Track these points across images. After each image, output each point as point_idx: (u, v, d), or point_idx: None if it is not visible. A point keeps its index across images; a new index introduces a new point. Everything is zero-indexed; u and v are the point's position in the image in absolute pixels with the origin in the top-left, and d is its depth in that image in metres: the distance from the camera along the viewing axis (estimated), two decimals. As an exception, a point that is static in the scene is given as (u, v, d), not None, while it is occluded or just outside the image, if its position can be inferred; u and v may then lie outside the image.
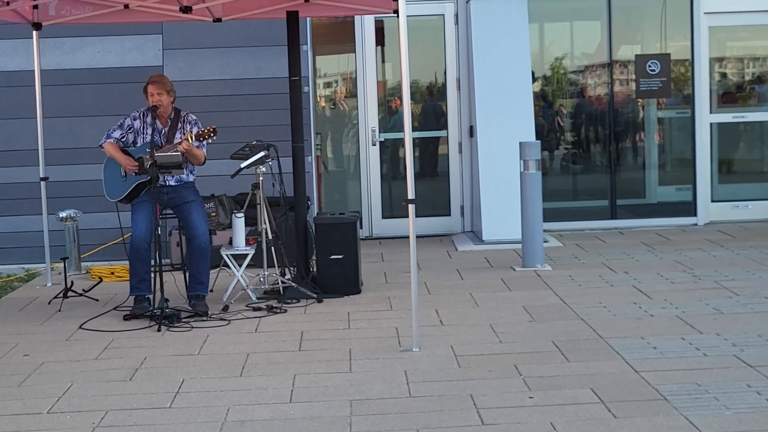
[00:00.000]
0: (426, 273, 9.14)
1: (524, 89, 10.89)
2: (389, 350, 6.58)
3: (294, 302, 8.10)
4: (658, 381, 5.65)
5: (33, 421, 5.40)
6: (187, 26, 10.31)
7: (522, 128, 10.52)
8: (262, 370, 6.22)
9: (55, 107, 10.22)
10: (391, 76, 11.90)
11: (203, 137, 7.71)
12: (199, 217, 7.86)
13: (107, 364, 6.51)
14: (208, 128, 7.73)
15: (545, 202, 9.44)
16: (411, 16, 7.29)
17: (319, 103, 11.87)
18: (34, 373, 6.35)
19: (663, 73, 11.57)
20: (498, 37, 10.90)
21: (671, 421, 5.00)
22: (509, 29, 10.92)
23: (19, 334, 7.43)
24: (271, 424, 5.20)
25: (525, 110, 10.82)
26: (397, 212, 11.40)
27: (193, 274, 7.85)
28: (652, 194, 12.05)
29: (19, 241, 10.44)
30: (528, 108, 10.86)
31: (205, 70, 10.71)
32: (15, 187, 10.45)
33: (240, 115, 10.43)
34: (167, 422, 5.31)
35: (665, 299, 7.75)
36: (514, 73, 10.84)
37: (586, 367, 6.02)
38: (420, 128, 11.76)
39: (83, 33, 10.43)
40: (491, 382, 5.78)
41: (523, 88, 10.88)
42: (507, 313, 7.50)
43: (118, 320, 7.72)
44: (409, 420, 5.18)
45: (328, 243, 8.38)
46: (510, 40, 10.90)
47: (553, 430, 4.94)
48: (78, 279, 9.29)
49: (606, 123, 11.88)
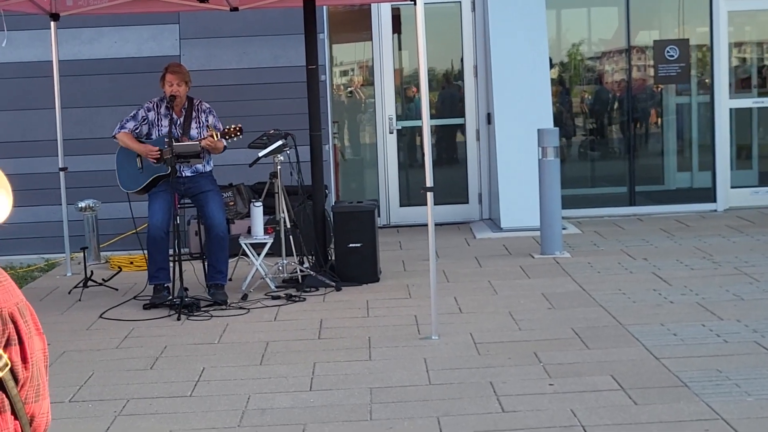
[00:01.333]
0: (444, 261, 9.14)
1: (542, 76, 10.85)
2: (408, 338, 6.59)
3: (313, 291, 8.11)
4: (678, 367, 5.64)
5: (55, 410, 5.40)
6: (204, 15, 10.31)
7: (540, 115, 10.49)
8: (281, 359, 6.23)
9: (72, 97, 10.24)
10: (407, 63, 11.87)
11: (228, 136, 7.70)
12: (216, 206, 7.87)
13: (128, 353, 6.53)
14: (233, 127, 7.70)
15: (563, 188, 9.41)
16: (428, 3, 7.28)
17: (336, 92, 11.86)
18: (56, 362, 6.38)
19: (682, 59, 11.51)
20: (515, 24, 10.86)
21: (692, 408, 4.99)
22: (527, 16, 10.88)
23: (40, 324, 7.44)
24: (291, 412, 5.22)
25: (543, 97, 10.78)
26: (414, 200, 11.39)
27: (212, 264, 7.86)
28: (671, 180, 12.00)
29: (38, 232, 10.48)
30: (546, 95, 10.82)
31: (222, 60, 10.71)
32: (34, 178, 10.47)
33: (257, 104, 10.43)
34: (188, 410, 5.33)
35: (685, 285, 7.72)
36: (532, 60, 10.81)
37: (606, 353, 6.01)
38: (437, 116, 11.74)
39: (100, 23, 10.44)
40: (511, 370, 5.78)
41: (541, 74, 10.84)
42: (526, 301, 7.49)
43: (137, 309, 7.74)
44: (429, 407, 5.19)
45: (347, 231, 8.38)
46: (527, 27, 10.86)
47: (573, 417, 4.94)
48: (97, 269, 9.32)
49: (624, 109, 11.83)
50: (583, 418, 4.92)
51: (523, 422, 4.92)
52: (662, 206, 11.49)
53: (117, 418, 5.25)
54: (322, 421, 5.07)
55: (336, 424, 5.02)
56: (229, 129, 7.69)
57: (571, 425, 4.84)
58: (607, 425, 4.82)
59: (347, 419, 5.08)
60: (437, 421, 4.98)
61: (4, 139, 10.58)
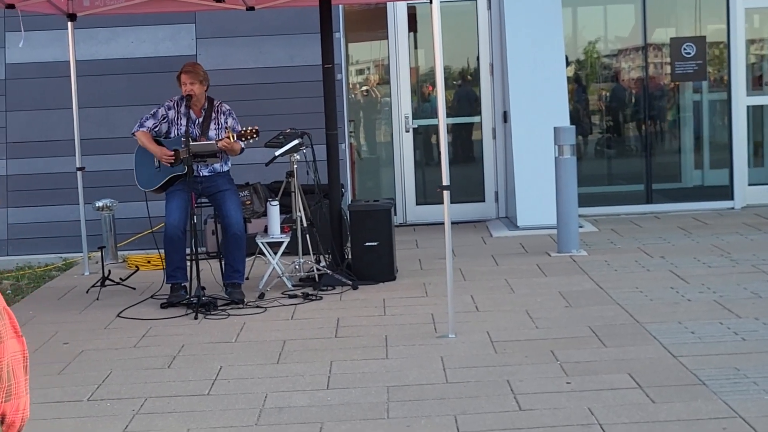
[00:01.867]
0: (461, 259, 9.13)
1: (558, 74, 10.83)
2: (425, 336, 6.59)
3: (329, 289, 8.12)
4: (696, 366, 5.62)
5: (74, 409, 5.46)
6: (220, 15, 10.34)
7: (556, 113, 10.48)
8: (298, 357, 6.24)
9: (89, 97, 10.29)
10: (423, 62, 11.88)
11: (245, 137, 7.70)
12: (233, 205, 7.88)
13: (145, 352, 6.56)
14: (250, 129, 7.70)
15: (580, 187, 9.39)
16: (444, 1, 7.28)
17: (351, 91, 11.86)
18: (74, 361, 6.42)
19: (698, 56, 11.47)
20: (531, 22, 10.85)
21: (710, 406, 4.98)
22: (542, 14, 10.87)
23: (58, 323, 7.50)
24: (308, 411, 5.23)
25: (559, 95, 10.76)
26: (430, 199, 11.39)
27: (229, 263, 7.88)
28: (688, 178, 11.96)
29: (56, 231, 10.52)
30: (562, 93, 10.81)
31: (238, 59, 10.73)
32: (52, 178, 10.53)
33: (273, 103, 10.45)
34: (206, 409, 5.34)
35: (702, 283, 7.70)
36: (548, 58, 10.79)
37: (623, 352, 6.00)
38: (453, 114, 11.73)
39: (117, 23, 10.48)
40: (528, 368, 5.77)
41: (557, 72, 10.83)
42: (543, 299, 7.48)
43: (155, 308, 7.77)
44: (447, 406, 5.19)
45: (363, 230, 8.39)
46: (543, 25, 10.85)
47: (590, 416, 4.93)
48: (115, 268, 9.36)
49: (641, 107, 11.80)
50: (601, 417, 4.91)
51: (541, 420, 4.92)
52: (679, 204, 11.46)
53: (135, 417, 5.27)
54: (339, 419, 5.08)
55: (353, 422, 5.03)
56: (246, 131, 7.70)
57: (589, 423, 4.83)
58: (624, 423, 4.81)
59: (364, 417, 5.09)
60: (454, 419, 4.98)
61: (22, 139, 10.64)
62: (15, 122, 10.67)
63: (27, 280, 9.42)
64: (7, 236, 10.62)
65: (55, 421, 5.26)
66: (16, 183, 10.60)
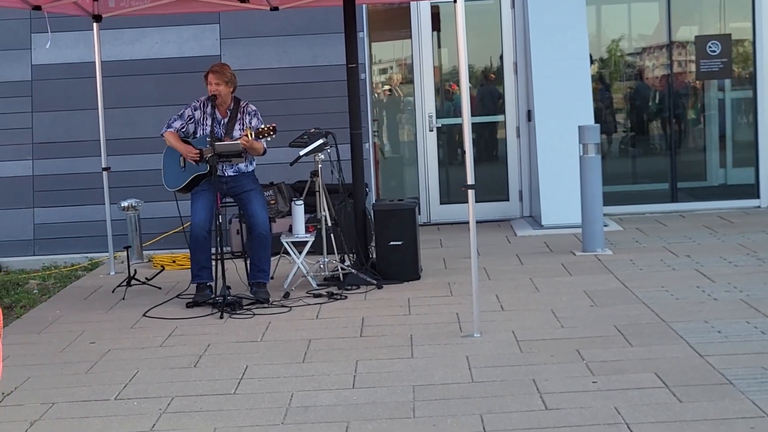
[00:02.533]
0: (485, 258, 9.12)
1: (582, 72, 10.80)
2: (450, 336, 6.59)
3: (354, 288, 8.13)
4: (723, 365, 5.59)
5: (101, 407, 5.49)
6: (244, 15, 10.37)
7: (580, 112, 10.44)
8: (324, 356, 6.26)
9: (115, 98, 10.34)
10: (447, 61, 11.87)
11: (262, 135, 7.73)
12: (258, 205, 7.91)
13: (172, 351, 6.59)
14: (267, 126, 7.74)
15: (604, 185, 9.36)
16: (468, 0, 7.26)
17: (375, 90, 11.87)
18: (101, 360, 6.45)
19: (723, 54, 11.41)
20: (555, 20, 10.82)
21: (737, 406, 4.95)
22: (566, 12, 10.83)
23: (85, 322, 7.54)
24: (334, 410, 5.24)
25: (583, 93, 10.73)
26: (454, 198, 11.38)
27: (254, 262, 7.91)
28: (713, 176, 11.90)
29: (82, 231, 10.59)
30: (586, 91, 10.77)
31: (262, 59, 10.76)
32: (77, 178, 10.59)
33: (297, 103, 10.47)
34: (232, 408, 5.36)
35: (728, 282, 7.66)
36: (572, 56, 10.76)
37: (650, 351, 5.98)
38: (477, 113, 11.72)
39: (142, 24, 10.53)
40: (553, 367, 5.76)
41: (581, 71, 10.80)
42: (568, 298, 7.46)
43: (181, 308, 7.80)
44: (472, 405, 5.19)
45: (388, 229, 8.39)
46: (567, 23, 10.82)
47: (617, 415, 4.92)
48: (140, 267, 9.40)
49: (665, 105, 11.75)
50: (627, 416, 4.90)
51: (567, 420, 4.91)
52: (704, 203, 11.40)
53: (162, 416, 5.30)
54: (365, 418, 5.09)
55: (379, 421, 5.04)
56: (262, 129, 7.73)
57: (615, 423, 4.82)
58: (651, 423, 4.79)
59: (390, 417, 5.09)
60: (480, 418, 4.98)
61: (48, 140, 10.71)
62: (41, 123, 10.74)
63: (53, 279, 9.48)
64: (34, 236, 10.69)
65: (82, 420, 5.30)
66: (42, 183, 10.67)
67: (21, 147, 10.67)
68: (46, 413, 5.42)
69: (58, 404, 5.57)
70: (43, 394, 5.75)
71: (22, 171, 10.61)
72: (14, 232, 10.44)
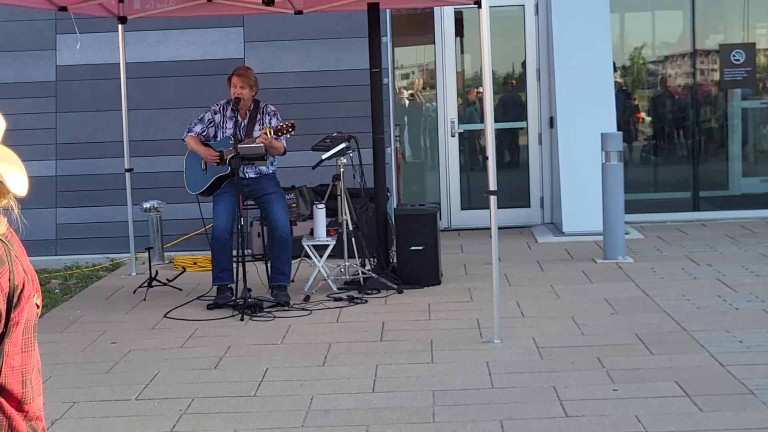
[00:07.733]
0: (506, 264, 9.11)
1: (605, 80, 10.78)
2: (470, 341, 6.58)
3: (374, 293, 8.13)
4: (744, 375, 5.57)
5: (122, 407, 5.51)
6: (268, 19, 10.40)
7: (603, 119, 10.42)
8: (344, 360, 6.27)
9: (138, 99, 10.38)
10: (470, 67, 11.87)
11: (281, 132, 7.75)
12: (280, 208, 7.93)
13: (192, 353, 6.61)
14: (286, 123, 7.76)
15: (626, 193, 9.34)
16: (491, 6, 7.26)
17: (397, 95, 11.88)
18: (122, 360, 6.48)
19: (748, 63, 11.37)
20: (579, 28, 10.81)
21: (759, 416, 4.93)
22: (590, 19, 10.82)
23: (106, 323, 7.57)
24: (354, 414, 5.24)
25: (606, 101, 10.71)
26: (475, 203, 11.37)
27: (275, 265, 7.92)
28: (735, 186, 11.85)
29: (104, 232, 10.63)
30: (609, 99, 10.76)
31: (286, 63, 10.79)
32: (100, 179, 10.64)
33: (320, 106, 10.49)
34: (252, 410, 5.38)
35: (750, 292, 7.62)
36: (595, 64, 10.74)
37: (671, 360, 5.96)
38: (499, 119, 11.71)
39: (166, 26, 10.57)
40: (574, 374, 5.75)
41: (605, 78, 10.77)
42: (589, 305, 7.45)
43: (201, 309, 7.83)
44: (492, 411, 5.18)
45: (408, 234, 8.40)
46: (591, 30, 10.80)
47: (637, 423, 4.91)
48: (162, 269, 9.43)
49: (688, 114, 11.71)
50: (648, 424, 4.88)
51: (587, 427, 4.90)
52: (727, 212, 11.35)
53: (182, 417, 5.32)
54: (384, 422, 5.09)
55: (399, 426, 5.04)
56: (281, 126, 7.74)
57: (636, 431, 4.81)
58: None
59: (410, 421, 5.10)
60: (500, 424, 4.98)
61: (72, 140, 10.76)
62: (65, 124, 10.80)
63: (75, 279, 9.53)
64: (56, 236, 10.75)
65: (103, 420, 5.32)
66: (65, 184, 10.72)
67: (45, 147, 10.72)
68: (67, 412, 5.45)
69: (79, 404, 5.59)
70: (64, 393, 5.78)
71: (45, 171, 10.66)
72: (36, 231, 10.49)
